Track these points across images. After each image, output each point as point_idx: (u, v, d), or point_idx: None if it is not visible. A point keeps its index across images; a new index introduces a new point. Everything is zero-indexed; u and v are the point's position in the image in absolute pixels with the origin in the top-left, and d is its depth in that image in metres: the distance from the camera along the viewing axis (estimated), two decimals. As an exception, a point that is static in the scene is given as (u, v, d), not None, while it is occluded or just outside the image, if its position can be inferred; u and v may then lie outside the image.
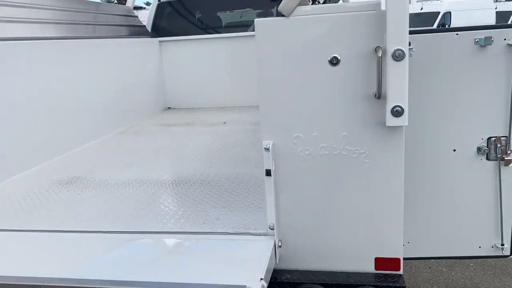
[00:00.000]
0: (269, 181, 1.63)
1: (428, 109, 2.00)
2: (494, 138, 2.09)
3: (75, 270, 1.47)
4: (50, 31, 3.21)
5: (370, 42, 1.49)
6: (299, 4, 1.51)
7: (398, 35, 1.40)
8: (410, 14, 15.86)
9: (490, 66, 1.99)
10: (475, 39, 1.98)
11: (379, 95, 1.47)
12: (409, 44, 1.88)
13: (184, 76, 4.95)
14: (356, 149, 1.58)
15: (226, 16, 5.45)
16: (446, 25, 19.16)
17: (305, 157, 1.62)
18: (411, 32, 1.84)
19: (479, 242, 2.21)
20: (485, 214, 2.17)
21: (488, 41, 1.97)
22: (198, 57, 4.92)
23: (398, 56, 1.40)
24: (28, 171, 2.71)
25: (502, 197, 2.16)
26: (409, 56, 1.74)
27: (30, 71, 2.77)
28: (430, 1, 23.35)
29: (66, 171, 2.70)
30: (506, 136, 2.08)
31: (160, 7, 5.06)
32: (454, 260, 3.61)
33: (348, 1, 4.76)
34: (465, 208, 2.16)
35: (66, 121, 3.13)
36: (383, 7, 1.46)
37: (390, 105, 1.45)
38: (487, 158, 2.11)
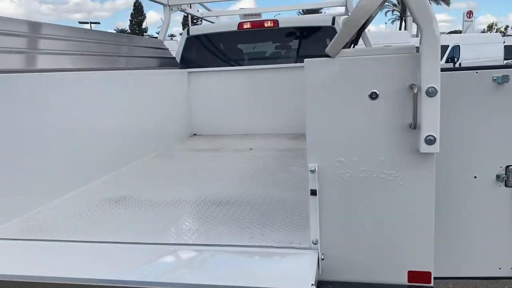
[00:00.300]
0: (314, 200, 1.84)
1: (452, 139, 2.22)
2: (511, 167, 2.29)
3: (140, 275, 1.69)
4: (95, 62, 3.50)
5: (406, 80, 1.73)
6: (343, 47, 1.77)
7: (431, 75, 1.64)
8: (418, 47, 16.22)
9: (507, 101, 2.21)
10: (493, 77, 2.21)
11: (415, 126, 1.70)
12: None
13: (209, 104, 5.23)
14: (392, 173, 1.80)
15: (247, 49, 5.78)
16: (455, 59, 19.49)
17: (346, 179, 1.83)
18: None
19: (499, 264, 2.37)
20: (504, 237, 2.35)
21: (505, 79, 2.19)
22: (222, 87, 5.21)
23: (431, 92, 1.64)
24: (80, 189, 2.94)
25: None
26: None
27: (79, 98, 3.03)
28: (439, 35, 23.82)
29: (114, 191, 2.92)
30: None
31: (188, 41, 5.39)
32: (471, 280, 3.74)
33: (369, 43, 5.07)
34: (485, 231, 2.34)
35: (109, 144, 3.38)
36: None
37: (424, 135, 1.68)
38: (506, 185, 2.29)
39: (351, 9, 5.26)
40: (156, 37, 5.65)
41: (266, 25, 5.24)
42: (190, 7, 5.66)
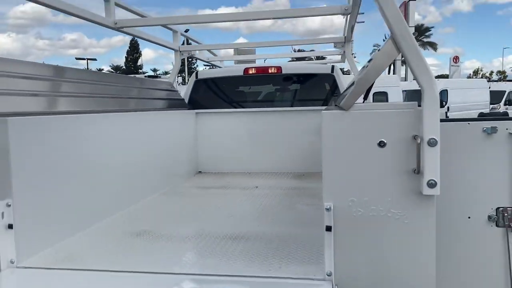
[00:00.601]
0: (329, 235, 2.07)
1: (448, 183, 2.48)
2: (501, 208, 2.55)
3: None
4: (111, 104, 3.76)
5: (409, 131, 2.01)
6: (356, 102, 2.06)
7: (432, 128, 1.92)
8: (409, 91, 16.69)
9: (496, 149, 2.50)
10: (483, 128, 2.51)
11: (418, 171, 1.97)
12: None
13: (215, 143, 5.49)
14: (399, 212, 2.05)
15: (252, 92, 6.12)
16: (444, 102, 20.14)
17: (358, 217, 2.08)
18: None
19: None
20: (496, 274, 2.57)
21: (494, 130, 2.49)
22: (227, 127, 5.49)
23: (432, 143, 1.92)
24: (101, 223, 3.13)
25: (510, 259, 2.58)
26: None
27: (96, 139, 3.24)
28: (427, 80, 24.68)
29: (132, 225, 3.12)
30: (511, 207, 2.54)
31: (196, 84, 5.72)
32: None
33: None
34: (478, 267, 2.57)
35: (122, 182, 3.57)
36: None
37: (426, 179, 1.94)
38: (497, 225, 2.55)
39: (349, 58, 5.65)
40: (154, 75, 5.95)
41: (270, 71, 5.60)
42: (197, 52, 6.03)
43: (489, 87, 23.60)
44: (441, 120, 2.58)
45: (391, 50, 1.98)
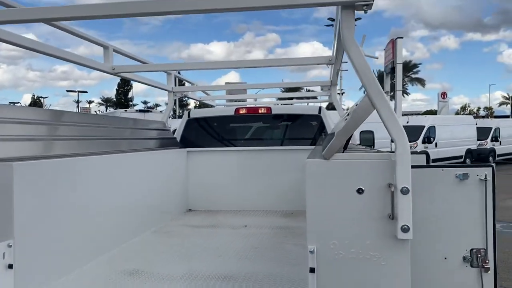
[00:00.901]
0: (313, 276, 2.21)
1: (426, 225, 2.64)
2: (475, 250, 2.70)
3: None
4: (104, 146, 3.91)
5: (384, 179, 2.19)
6: (336, 152, 2.24)
7: (404, 177, 2.11)
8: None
9: (468, 194, 2.68)
10: (456, 174, 2.69)
11: (393, 217, 2.13)
12: None
13: (205, 181, 5.61)
14: (376, 254, 2.20)
15: (242, 131, 6.32)
16: (431, 139, 20.54)
17: (339, 259, 2.22)
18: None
19: None
20: None
21: (465, 176, 2.68)
22: (218, 165, 5.64)
23: (404, 191, 2.10)
24: (95, 261, 3.23)
25: None
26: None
27: (90, 179, 3.37)
28: (415, 116, 25.25)
29: (125, 264, 3.22)
30: (484, 248, 2.70)
31: (188, 123, 5.91)
32: None
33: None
34: None
35: (115, 220, 3.67)
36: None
37: (400, 224, 2.11)
38: (471, 266, 2.70)
39: (335, 100, 5.90)
40: (146, 109, 6.11)
41: (260, 111, 5.82)
42: (189, 92, 6.25)
43: (476, 124, 24.15)
44: (418, 167, 2.77)
45: (367, 106, 2.18)
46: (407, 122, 22.11)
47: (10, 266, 2.42)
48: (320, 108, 5.75)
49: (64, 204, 2.96)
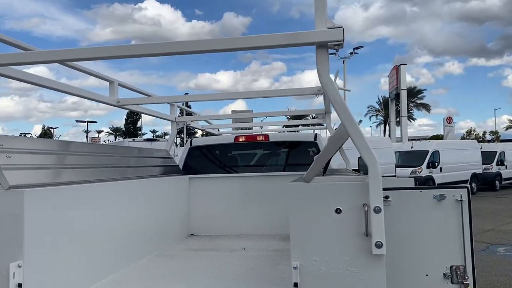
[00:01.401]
0: None
1: (405, 244, 2.83)
2: (454, 267, 2.87)
3: None
4: (109, 174, 4.16)
5: (359, 200, 2.40)
6: (316, 175, 2.47)
7: (376, 198, 2.32)
8: (402, 152, 17.22)
9: (445, 214, 2.87)
10: (433, 195, 2.90)
11: (367, 234, 2.34)
12: (388, 197, 2.80)
13: (207, 207, 5.82)
14: (355, 269, 2.40)
15: (242, 158, 6.56)
16: (436, 163, 20.62)
17: (320, 274, 2.42)
18: (389, 188, 2.77)
19: None
20: None
21: (442, 197, 2.88)
22: (219, 191, 5.86)
23: (377, 210, 2.31)
24: (100, 283, 3.42)
25: None
26: (388, 205, 2.66)
27: (96, 205, 3.60)
28: (419, 141, 25.39)
29: (128, 285, 3.41)
30: (463, 265, 2.87)
31: (191, 151, 6.17)
32: None
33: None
34: None
35: (120, 244, 3.88)
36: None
37: (374, 240, 2.31)
38: (451, 282, 2.86)
39: (329, 127, 6.15)
40: (153, 138, 6.34)
41: (258, 139, 6.07)
42: (191, 122, 6.54)
43: (481, 148, 24.20)
44: (398, 189, 2.98)
45: (342, 133, 2.42)
46: (411, 147, 22.26)
47: (20, 285, 2.64)
48: (316, 135, 6.00)
49: (70, 228, 3.19)
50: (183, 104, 6.12)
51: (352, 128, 2.36)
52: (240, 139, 6.06)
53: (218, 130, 7.77)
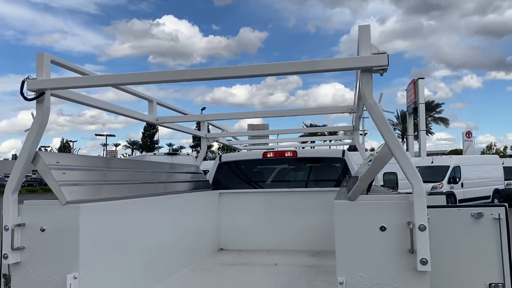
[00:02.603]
0: None
1: (444, 261, 2.90)
2: (493, 284, 2.93)
3: None
4: (149, 189, 4.31)
5: (404, 218, 2.50)
6: (361, 194, 2.58)
7: (421, 216, 2.41)
8: (422, 167, 17.09)
9: (483, 231, 2.94)
10: (471, 213, 2.97)
11: (412, 251, 2.43)
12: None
13: (236, 221, 5.92)
14: (399, 285, 2.48)
15: (270, 174, 6.67)
16: (457, 179, 20.38)
17: None
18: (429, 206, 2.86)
19: None
20: None
21: (480, 215, 2.96)
22: (248, 206, 5.96)
23: (422, 228, 2.40)
24: None
25: None
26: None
27: (141, 219, 3.73)
28: (439, 156, 25.14)
29: None
30: (502, 283, 2.93)
31: (220, 166, 6.31)
32: None
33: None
34: None
35: (159, 258, 4.01)
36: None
37: (419, 257, 2.40)
38: None
39: (357, 144, 6.23)
40: (174, 152, 6.44)
41: (286, 155, 6.18)
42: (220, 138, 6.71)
43: (502, 163, 23.82)
44: (437, 206, 3.06)
45: (386, 153, 2.53)
46: (432, 162, 22.02)
47: None
48: (343, 151, 6.09)
49: (119, 242, 3.34)
50: (203, 109, 6.28)
51: (396, 148, 2.46)
52: (268, 155, 6.18)
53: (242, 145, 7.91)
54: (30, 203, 2.99)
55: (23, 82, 2.84)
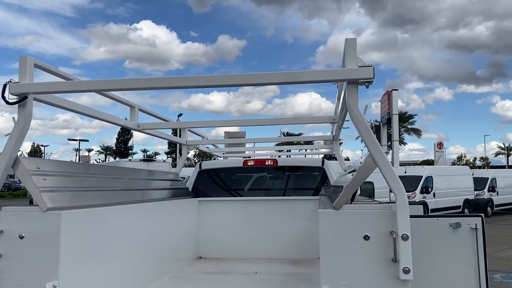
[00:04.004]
0: None
1: (424, 270, 2.96)
2: None
3: None
4: (127, 196, 4.24)
5: (387, 227, 2.55)
6: (345, 203, 2.62)
7: (404, 225, 2.47)
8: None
9: (461, 241, 3.02)
10: (450, 223, 3.05)
11: (395, 260, 2.48)
12: None
13: (215, 229, 5.89)
14: (381, 294, 2.52)
15: (250, 182, 6.68)
16: (429, 189, 20.84)
17: None
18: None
19: None
20: None
21: (458, 225, 3.04)
22: (228, 214, 5.94)
23: (405, 237, 2.45)
24: None
25: None
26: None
27: (119, 226, 3.65)
28: (412, 166, 25.66)
29: None
30: None
31: (200, 174, 6.28)
32: None
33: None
34: None
35: (135, 267, 3.92)
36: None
37: (401, 266, 2.45)
38: None
39: (337, 154, 6.31)
40: (150, 159, 6.37)
41: (267, 163, 6.21)
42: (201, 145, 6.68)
43: (472, 174, 24.52)
44: (416, 216, 3.13)
45: (370, 164, 2.58)
46: (405, 172, 22.45)
47: None
48: (323, 160, 6.16)
49: (99, 249, 3.28)
50: (180, 116, 6.25)
51: (381, 159, 2.52)
52: (249, 163, 6.19)
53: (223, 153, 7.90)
54: (8, 209, 2.92)
55: (4, 86, 2.78)
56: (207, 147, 7.22)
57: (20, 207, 2.94)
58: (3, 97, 2.78)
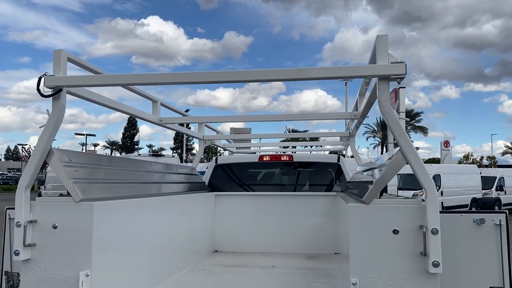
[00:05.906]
0: None
1: (447, 265, 3.00)
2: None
3: None
4: (152, 189, 4.32)
5: (416, 222, 2.59)
6: (375, 198, 2.66)
7: (434, 220, 2.51)
8: (403, 175, 17.31)
9: (485, 237, 3.06)
10: (473, 219, 3.09)
11: (425, 254, 2.52)
12: None
13: (231, 223, 5.96)
14: (410, 286, 2.56)
15: (266, 177, 6.73)
16: (437, 187, 20.81)
17: None
18: None
19: None
20: None
21: (482, 221, 3.07)
22: (244, 209, 6.00)
23: (434, 231, 2.49)
24: None
25: None
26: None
27: (146, 219, 3.72)
28: (420, 164, 25.53)
29: None
30: (502, 287, 3.04)
31: (216, 168, 6.34)
32: None
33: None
34: None
35: (157, 259, 3.99)
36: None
37: (431, 260, 2.49)
38: None
39: (353, 150, 6.34)
40: (159, 154, 6.42)
41: (282, 158, 6.26)
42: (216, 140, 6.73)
43: (480, 173, 24.43)
44: (441, 212, 3.17)
45: (400, 160, 2.62)
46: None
47: None
48: (339, 157, 6.20)
49: (128, 240, 3.35)
50: (187, 111, 6.29)
51: (412, 155, 2.56)
52: (265, 158, 6.24)
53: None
54: (42, 199, 2.99)
55: (39, 79, 2.84)
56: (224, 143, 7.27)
57: (54, 197, 3.01)
58: (38, 90, 2.83)
